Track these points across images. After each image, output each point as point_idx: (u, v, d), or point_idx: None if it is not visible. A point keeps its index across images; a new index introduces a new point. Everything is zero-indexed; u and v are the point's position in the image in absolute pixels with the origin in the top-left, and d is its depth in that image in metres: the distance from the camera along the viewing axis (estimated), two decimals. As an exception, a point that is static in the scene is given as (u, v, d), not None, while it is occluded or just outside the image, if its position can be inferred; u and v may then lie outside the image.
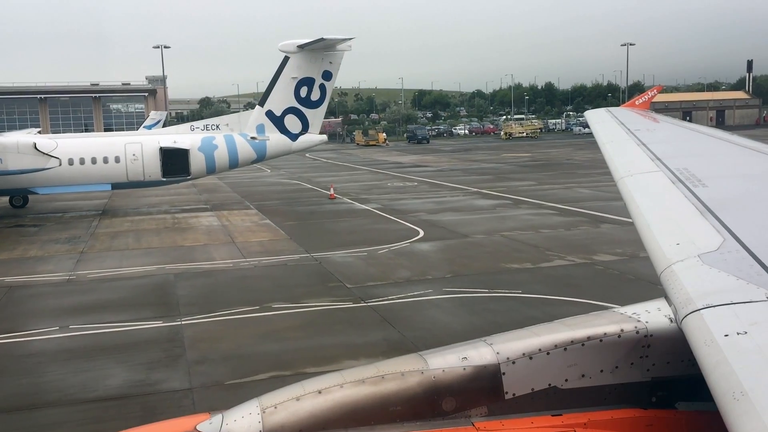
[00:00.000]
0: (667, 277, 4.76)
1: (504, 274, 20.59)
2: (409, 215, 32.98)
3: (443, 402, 4.46)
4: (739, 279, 4.29)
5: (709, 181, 6.73)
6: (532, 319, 16.11)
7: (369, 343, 14.87)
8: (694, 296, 4.23)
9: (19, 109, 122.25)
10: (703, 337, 3.75)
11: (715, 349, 3.57)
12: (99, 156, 36.05)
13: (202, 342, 15.20)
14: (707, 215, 5.64)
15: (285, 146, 39.37)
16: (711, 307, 4.02)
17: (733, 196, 6.28)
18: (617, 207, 33.26)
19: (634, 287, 18.71)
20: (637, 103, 18.32)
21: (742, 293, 4.08)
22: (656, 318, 4.67)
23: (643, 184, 7.29)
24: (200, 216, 35.41)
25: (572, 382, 4.61)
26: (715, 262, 4.65)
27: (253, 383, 12.82)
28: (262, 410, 4.30)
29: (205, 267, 22.90)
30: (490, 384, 4.50)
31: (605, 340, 4.59)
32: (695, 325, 3.93)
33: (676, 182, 6.87)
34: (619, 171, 8.09)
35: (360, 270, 21.76)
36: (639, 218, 6.25)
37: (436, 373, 4.46)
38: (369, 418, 4.34)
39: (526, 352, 4.54)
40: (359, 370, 4.56)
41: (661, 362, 4.65)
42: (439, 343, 14.48)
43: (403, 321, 16.37)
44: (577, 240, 25.46)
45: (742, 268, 4.44)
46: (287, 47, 38.44)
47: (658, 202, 6.55)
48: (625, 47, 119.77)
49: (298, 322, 16.46)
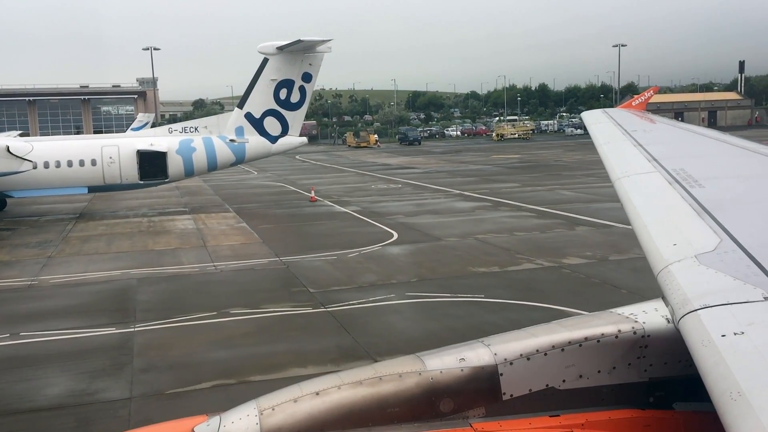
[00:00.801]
0: (664, 278, 4.77)
1: (470, 278, 20.35)
2: (387, 218, 32.75)
3: (441, 403, 4.45)
4: (736, 279, 4.30)
5: (706, 182, 6.74)
6: (489, 324, 15.90)
7: (320, 350, 14.62)
8: (691, 297, 4.24)
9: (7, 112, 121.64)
10: (701, 338, 3.76)
11: (713, 350, 3.58)
12: (75, 159, 35.74)
13: (152, 349, 14.93)
14: (704, 216, 5.64)
15: (264, 149, 39.08)
16: (708, 307, 4.02)
17: (729, 197, 6.29)
18: (596, 209, 33.18)
19: (598, 291, 18.50)
20: (634, 104, 18.29)
21: (739, 293, 4.09)
22: (653, 318, 4.68)
23: (640, 184, 7.32)
24: (177, 219, 35.13)
25: (570, 382, 4.61)
26: (712, 262, 4.66)
27: (194, 392, 12.57)
28: (260, 412, 4.29)
29: (171, 272, 22.63)
30: (487, 385, 4.50)
31: (603, 340, 4.60)
32: (692, 326, 3.94)
33: (673, 183, 6.88)
34: (616, 172, 8.13)
35: (326, 274, 21.51)
36: (636, 219, 6.26)
37: (433, 374, 4.46)
38: (367, 420, 4.33)
39: (524, 353, 4.55)
40: (357, 372, 4.54)
41: (658, 363, 4.66)
42: (392, 350, 14.36)
43: (359, 327, 16.12)
44: (550, 243, 25.24)
45: (739, 268, 4.45)
46: (266, 49, 38.17)
47: (655, 202, 6.56)
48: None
49: (252, 329, 16.20)
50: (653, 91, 38.87)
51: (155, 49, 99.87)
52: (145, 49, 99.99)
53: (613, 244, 24.53)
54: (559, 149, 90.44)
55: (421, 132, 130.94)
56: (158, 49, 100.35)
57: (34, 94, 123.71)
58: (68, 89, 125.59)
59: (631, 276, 19.89)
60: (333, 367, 13.56)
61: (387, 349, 14.52)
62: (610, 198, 37.29)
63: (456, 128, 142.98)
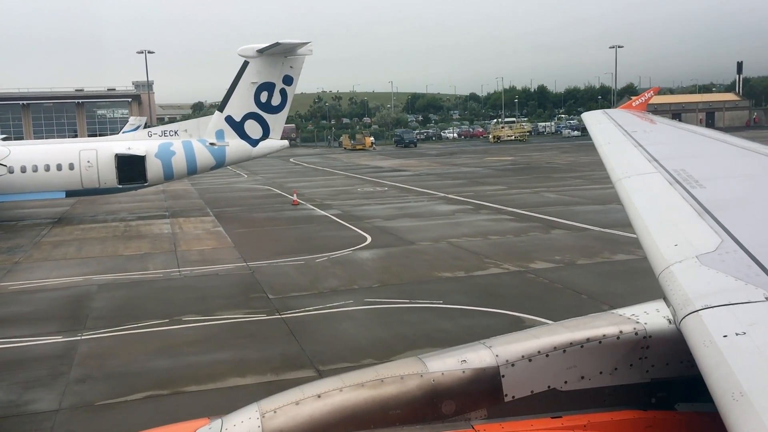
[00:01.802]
0: (665, 279, 4.75)
1: (433, 284, 20.02)
2: (365, 221, 32.44)
3: (442, 405, 4.45)
4: (737, 279, 4.28)
5: (707, 182, 6.72)
6: (441, 332, 15.61)
7: (263, 358, 14.30)
8: (692, 297, 4.23)
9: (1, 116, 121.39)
10: (702, 338, 3.75)
11: (714, 350, 3.58)
12: (52, 163, 35.47)
13: (93, 359, 14.63)
14: (705, 216, 5.62)
15: (245, 152, 38.78)
16: (710, 307, 4.02)
17: (730, 197, 6.28)
18: (576, 212, 32.85)
19: (558, 296, 18.16)
20: (634, 105, 18.16)
21: (741, 294, 4.08)
22: (655, 319, 4.67)
23: (641, 185, 7.28)
24: (154, 223, 34.86)
25: (571, 383, 4.60)
26: (713, 262, 4.64)
27: (124, 404, 12.26)
28: (262, 415, 4.28)
29: (134, 277, 22.33)
30: (489, 386, 4.49)
31: (604, 341, 4.58)
32: (694, 326, 3.93)
33: (674, 183, 6.86)
34: (617, 172, 8.11)
35: (290, 280, 21.20)
36: (637, 220, 6.26)
37: (435, 376, 4.45)
38: (368, 422, 4.33)
39: (525, 355, 4.53)
40: (358, 374, 4.52)
41: (660, 363, 4.65)
42: (336, 359, 14.04)
43: (309, 334, 15.80)
44: (522, 247, 24.89)
45: (741, 268, 4.44)
46: (246, 52, 37.88)
47: (656, 203, 6.54)
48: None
49: (200, 337, 15.89)
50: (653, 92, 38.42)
51: (149, 53, 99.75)
52: (139, 53, 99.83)
53: (584, 247, 24.18)
54: (553, 151, 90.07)
55: (418, 134, 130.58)
56: (152, 52, 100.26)
57: (29, 97, 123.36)
58: (63, 93, 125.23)
59: (595, 281, 19.55)
60: (273, 377, 13.30)
61: (331, 357, 14.22)
62: (592, 200, 37.01)
63: (453, 130, 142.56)
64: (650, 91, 34.55)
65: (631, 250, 23.37)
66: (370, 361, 13.92)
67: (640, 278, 19.75)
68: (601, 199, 37.22)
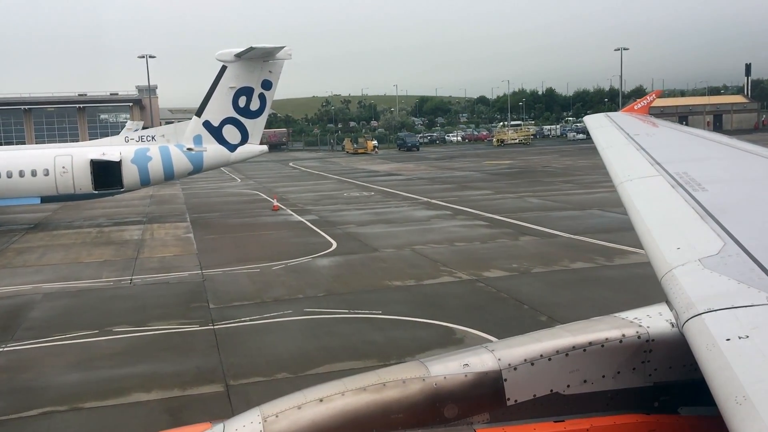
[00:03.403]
0: (668, 282, 4.75)
1: (379, 293, 19.54)
2: (337, 227, 32.02)
3: (445, 409, 4.43)
4: (740, 283, 4.28)
5: (709, 185, 6.71)
6: (367, 344, 15.19)
7: (176, 372, 13.87)
8: (695, 300, 4.22)
9: (3, 120, 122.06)
10: (705, 342, 3.74)
11: (717, 354, 3.57)
12: (27, 169, 35.34)
13: (6, 372, 14.26)
14: (707, 219, 5.61)
15: (223, 157, 38.46)
16: (712, 311, 4.01)
17: (733, 200, 6.27)
18: (552, 217, 32.32)
19: (499, 307, 17.62)
20: (636, 108, 18.04)
21: (744, 297, 4.07)
22: (658, 323, 4.64)
23: (643, 188, 7.28)
24: (128, 229, 34.60)
25: (574, 387, 4.58)
26: (715, 266, 4.64)
27: (18, 420, 11.90)
28: (264, 419, 4.26)
29: (83, 286, 22.01)
30: (491, 390, 4.47)
31: (607, 345, 4.55)
32: (697, 330, 3.92)
33: (676, 186, 6.85)
34: (619, 176, 8.10)
35: (238, 288, 20.80)
36: (639, 223, 6.22)
37: (437, 380, 4.43)
38: (370, 426, 4.31)
39: (528, 358, 4.50)
40: (360, 378, 4.49)
41: (663, 367, 4.63)
42: (249, 372, 13.60)
43: (234, 347, 15.38)
44: (484, 254, 24.35)
45: (743, 271, 4.43)
46: (224, 56, 37.58)
47: (658, 206, 6.52)
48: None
49: (122, 349, 15.50)
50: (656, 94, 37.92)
51: (151, 57, 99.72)
52: (140, 57, 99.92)
53: (545, 255, 23.61)
54: (554, 154, 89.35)
55: (421, 138, 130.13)
56: (153, 56, 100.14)
57: (30, 102, 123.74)
58: (64, 97, 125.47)
59: (543, 290, 18.99)
60: (178, 393, 12.89)
61: (246, 371, 13.81)
62: (574, 206, 36.41)
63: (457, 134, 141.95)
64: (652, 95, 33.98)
65: (591, 258, 22.81)
66: (284, 375, 13.51)
67: (590, 287, 19.24)
68: (583, 205, 36.63)
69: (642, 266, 21.43)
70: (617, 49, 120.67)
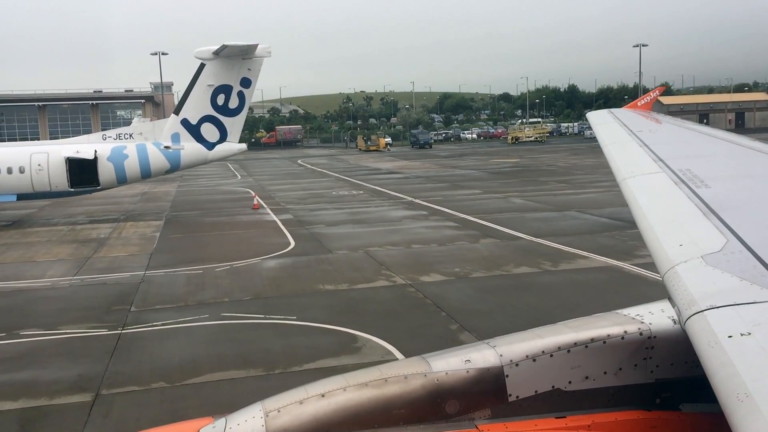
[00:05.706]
0: (670, 279, 4.75)
1: (305, 297, 19.05)
2: (306, 227, 31.62)
3: (446, 405, 4.43)
4: (742, 280, 4.28)
5: (712, 182, 6.69)
6: (263, 351, 14.72)
7: (54, 380, 13.49)
8: (697, 297, 4.22)
9: (18, 117, 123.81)
10: (707, 339, 3.74)
11: (719, 351, 3.57)
12: (2, 166, 35.41)
13: None
14: (710, 216, 5.59)
15: (201, 155, 38.21)
16: (715, 308, 4.01)
17: (735, 197, 6.25)
18: (525, 219, 31.66)
19: (416, 314, 16.99)
20: (639, 105, 17.93)
21: (746, 294, 4.07)
22: (660, 319, 4.64)
23: (646, 185, 7.26)
24: (99, 227, 34.52)
25: (576, 384, 4.58)
26: (718, 263, 4.63)
27: None
28: (266, 414, 4.26)
29: (19, 286, 21.85)
30: (493, 386, 4.47)
31: (609, 341, 4.55)
32: (699, 327, 3.92)
33: (679, 183, 6.83)
34: (622, 172, 8.07)
35: (171, 291, 20.45)
36: (642, 220, 6.21)
37: (439, 375, 4.43)
38: (372, 422, 4.31)
39: (530, 355, 4.50)
40: (362, 373, 4.50)
41: (664, 364, 4.63)
42: (131, 381, 13.19)
43: (130, 353, 14.99)
44: (434, 257, 23.72)
45: (746, 269, 4.43)
46: (202, 54, 37.27)
47: (661, 203, 6.51)
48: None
49: (17, 353, 15.20)
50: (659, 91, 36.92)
51: (163, 54, 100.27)
52: (153, 54, 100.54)
53: (495, 259, 22.91)
54: (565, 153, 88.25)
55: (436, 135, 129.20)
56: (166, 54, 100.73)
57: (45, 99, 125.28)
58: (78, 94, 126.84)
59: (470, 297, 18.33)
60: (44, 402, 12.52)
61: (127, 380, 13.38)
62: (555, 207, 35.59)
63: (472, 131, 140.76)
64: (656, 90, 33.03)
65: (537, 263, 22.07)
66: (161, 385, 13.08)
67: (519, 294, 18.57)
68: (564, 206, 35.75)
69: (583, 272, 20.72)
70: (636, 46, 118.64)
